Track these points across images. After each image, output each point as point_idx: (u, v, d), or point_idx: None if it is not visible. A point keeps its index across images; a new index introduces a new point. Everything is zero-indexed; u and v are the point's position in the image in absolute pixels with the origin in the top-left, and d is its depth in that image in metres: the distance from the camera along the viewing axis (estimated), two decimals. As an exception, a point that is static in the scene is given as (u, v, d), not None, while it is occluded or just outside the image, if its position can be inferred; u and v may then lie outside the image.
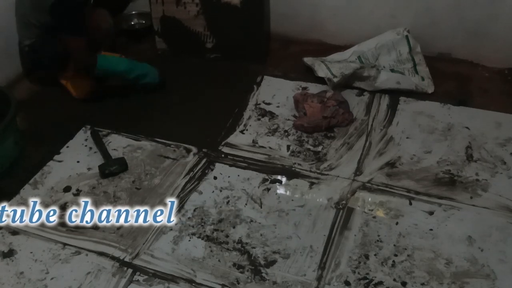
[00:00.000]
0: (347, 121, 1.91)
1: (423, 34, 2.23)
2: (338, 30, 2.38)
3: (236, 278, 1.37)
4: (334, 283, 1.34)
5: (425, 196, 1.59)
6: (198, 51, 2.36)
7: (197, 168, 1.74)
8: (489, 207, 1.55)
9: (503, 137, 1.83)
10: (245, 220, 1.54)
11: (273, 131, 1.90)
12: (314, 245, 1.45)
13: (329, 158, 1.76)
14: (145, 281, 1.36)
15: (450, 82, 2.15)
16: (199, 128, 1.93)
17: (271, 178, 1.69)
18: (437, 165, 1.72)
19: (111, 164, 1.72)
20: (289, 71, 2.27)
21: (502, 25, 2.11)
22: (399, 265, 1.39)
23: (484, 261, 1.39)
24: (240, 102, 2.07)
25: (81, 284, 1.36)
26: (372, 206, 1.57)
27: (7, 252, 1.45)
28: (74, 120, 1.98)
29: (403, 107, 2.00)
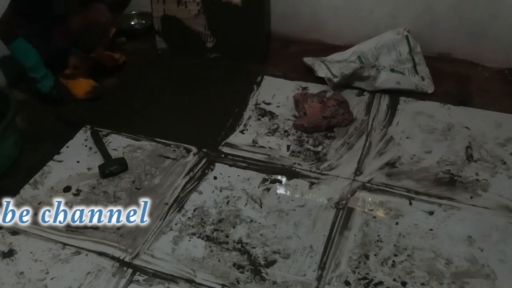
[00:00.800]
0: (347, 121, 1.91)
1: (423, 34, 2.23)
2: (338, 30, 2.38)
3: (236, 278, 1.37)
4: (334, 283, 1.34)
5: (425, 196, 1.60)
6: (198, 50, 2.36)
7: (197, 168, 1.74)
8: (489, 207, 1.55)
9: (503, 137, 1.83)
10: (245, 220, 1.54)
11: (273, 131, 1.90)
12: (314, 245, 1.45)
13: (329, 158, 1.76)
14: (145, 281, 1.36)
15: (450, 82, 2.15)
16: (199, 128, 1.93)
17: (271, 178, 1.69)
18: (437, 165, 1.72)
19: (111, 164, 1.72)
20: (289, 71, 2.27)
21: (502, 25, 2.12)
22: (399, 265, 1.39)
23: (484, 261, 1.39)
24: (240, 102, 2.07)
25: (81, 284, 1.36)
26: (372, 206, 1.57)
27: (7, 252, 1.45)
28: (74, 120, 1.97)
29: (403, 107, 2.00)
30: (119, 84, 2.19)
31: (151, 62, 2.37)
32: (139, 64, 2.35)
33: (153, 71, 2.32)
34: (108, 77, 2.24)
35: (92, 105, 2.07)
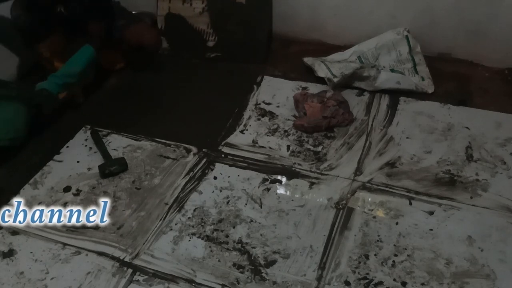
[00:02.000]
0: (347, 121, 1.91)
1: (423, 34, 2.23)
2: (338, 30, 2.38)
3: (236, 278, 1.37)
4: (334, 283, 1.34)
5: (425, 196, 1.59)
6: (199, 50, 2.36)
7: (197, 168, 1.74)
8: (489, 207, 1.55)
9: (503, 137, 1.83)
10: (245, 220, 1.54)
11: (273, 131, 1.90)
12: (314, 245, 1.45)
13: (329, 158, 1.76)
14: (145, 281, 1.36)
15: (450, 82, 2.15)
16: (199, 128, 1.93)
17: (271, 178, 1.69)
18: (437, 165, 1.72)
19: (111, 164, 1.72)
20: (289, 71, 2.27)
21: (502, 25, 2.11)
22: (399, 265, 1.39)
23: (484, 261, 1.39)
24: (240, 102, 2.07)
25: (81, 284, 1.36)
26: (372, 206, 1.57)
27: (7, 252, 1.45)
28: (74, 120, 1.98)
29: (403, 107, 2.00)
30: (119, 84, 2.19)
31: (151, 61, 2.37)
32: (139, 64, 2.35)
33: (153, 70, 2.32)
34: (108, 77, 2.24)
35: (92, 105, 2.07)
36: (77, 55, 1.94)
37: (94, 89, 2.14)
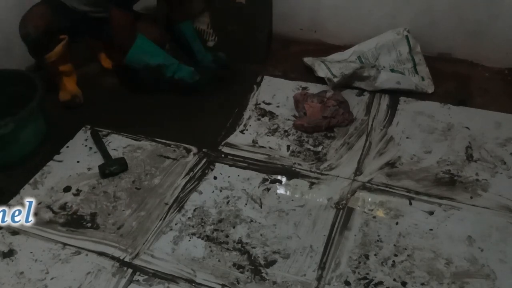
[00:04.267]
0: (347, 121, 1.91)
1: (423, 34, 2.23)
2: (338, 30, 2.38)
3: (236, 278, 1.37)
4: (334, 283, 1.34)
5: (425, 196, 1.60)
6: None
7: (197, 168, 1.74)
8: (489, 207, 1.55)
9: (503, 137, 1.83)
10: (245, 220, 1.54)
11: (273, 131, 1.90)
12: (314, 245, 1.45)
13: (329, 158, 1.76)
14: (145, 281, 1.36)
15: (450, 82, 2.15)
16: (199, 128, 1.93)
17: (271, 178, 1.69)
18: (437, 165, 1.72)
19: (111, 164, 1.72)
20: (289, 71, 2.27)
21: (502, 25, 2.11)
22: (399, 265, 1.39)
23: (484, 261, 1.39)
24: (240, 102, 2.07)
25: (81, 284, 1.36)
26: (372, 206, 1.57)
27: (7, 252, 1.45)
28: (74, 120, 1.98)
29: (403, 107, 2.00)
30: (119, 84, 2.19)
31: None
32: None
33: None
34: (108, 77, 2.24)
35: (92, 105, 2.07)
36: (153, 46, 1.89)
37: (94, 89, 2.14)
